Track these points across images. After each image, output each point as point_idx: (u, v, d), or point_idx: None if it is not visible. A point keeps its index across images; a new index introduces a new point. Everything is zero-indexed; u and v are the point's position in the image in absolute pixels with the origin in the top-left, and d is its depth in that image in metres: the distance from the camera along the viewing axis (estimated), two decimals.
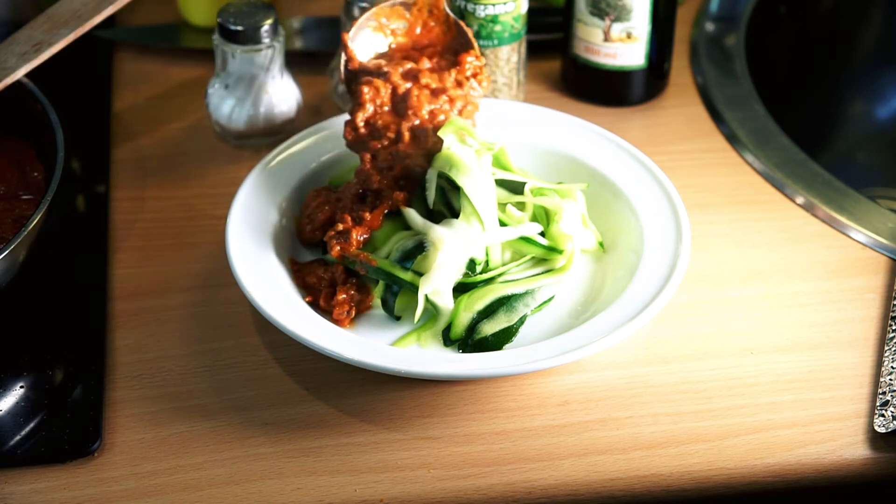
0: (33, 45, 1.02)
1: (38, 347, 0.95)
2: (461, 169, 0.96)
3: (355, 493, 0.86)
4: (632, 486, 0.87)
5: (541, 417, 0.90)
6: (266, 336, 0.96)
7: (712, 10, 1.29)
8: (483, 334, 0.93)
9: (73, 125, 1.04)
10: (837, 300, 0.99)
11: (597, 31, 1.13)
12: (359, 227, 0.96)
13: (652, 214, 1.00)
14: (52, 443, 0.88)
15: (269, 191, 1.02)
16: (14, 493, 0.85)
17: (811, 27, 1.38)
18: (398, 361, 0.88)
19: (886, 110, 1.37)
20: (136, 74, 1.22)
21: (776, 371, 0.93)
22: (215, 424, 0.90)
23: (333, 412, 0.91)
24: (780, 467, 0.87)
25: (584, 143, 1.06)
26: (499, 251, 0.97)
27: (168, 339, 0.96)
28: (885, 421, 0.88)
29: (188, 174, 1.11)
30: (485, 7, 1.08)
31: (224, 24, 1.08)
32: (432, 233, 0.94)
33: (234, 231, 0.97)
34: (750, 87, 1.19)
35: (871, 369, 0.94)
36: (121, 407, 0.91)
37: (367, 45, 1.02)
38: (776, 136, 1.14)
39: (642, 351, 0.95)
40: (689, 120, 1.17)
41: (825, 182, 1.09)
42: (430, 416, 0.90)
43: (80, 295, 1.00)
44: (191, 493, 0.85)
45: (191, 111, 1.18)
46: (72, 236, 1.05)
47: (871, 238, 1.04)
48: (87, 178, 1.12)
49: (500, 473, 0.87)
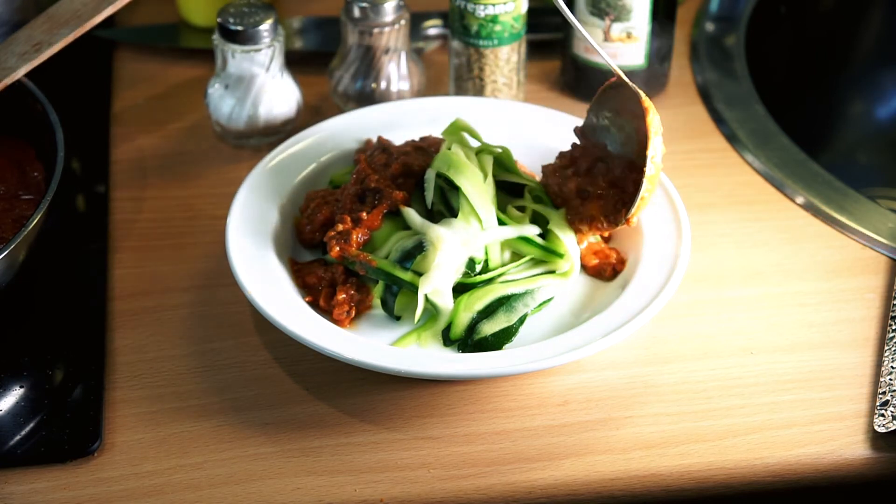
0: (33, 45, 1.02)
1: (38, 347, 0.95)
2: (459, 169, 0.96)
3: (355, 493, 0.86)
4: (632, 486, 0.87)
5: (541, 417, 0.90)
6: (266, 336, 0.96)
7: (712, 10, 1.29)
8: (483, 334, 0.93)
9: (73, 125, 1.04)
10: (837, 300, 0.99)
11: (597, 30, 1.13)
12: (358, 228, 0.96)
13: (652, 214, 1.00)
14: (52, 443, 0.88)
15: (269, 191, 1.02)
16: (14, 493, 0.85)
17: (811, 27, 1.38)
18: (398, 361, 0.88)
19: (886, 110, 1.37)
20: (136, 74, 1.22)
21: (776, 371, 0.93)
22: (215, 424, 0.90)
23: (333, 412, 0.91)
24: (780, 467, 0.87)
25: None
26: (498, 251, 0.97)
27: (168, 339, 0.96)
28: (885, 421, 0.88)
29: (188, 174, 1.11)
30: (485, 7, 1.08)
31: (224, 24, 1.08)
32: (431, 232, 0.94)
33: (234, 231, 0.97)
34: (750, 87, 1.20)
35: (871, 369, 0.94)
36: (121, 407, 0.91)
37: None
38: (776, 136, 1.14)
39: (642, 351, 0.95)
40: (689, 120, 1.17)
41: (825, 182, 1.09)
42: (429, 416, 0.90)
43: (80, 295, 1.00)
44: (191, 493, 0.85)
45: (191, 111, 1.18)
46: (72, 236, 1.05)
47: (871, 238, 1.04)
48: (87, 178, 1.12)
49: (500, 473, 0.87)
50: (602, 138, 0.98)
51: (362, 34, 1.11)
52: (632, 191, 0.94)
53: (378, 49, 1.11)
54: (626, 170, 0.96)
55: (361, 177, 0.99)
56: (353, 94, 1.14)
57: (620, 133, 0.96)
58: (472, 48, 1.11)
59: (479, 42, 1.10)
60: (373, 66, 1.12)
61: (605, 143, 0.97)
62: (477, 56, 1.11)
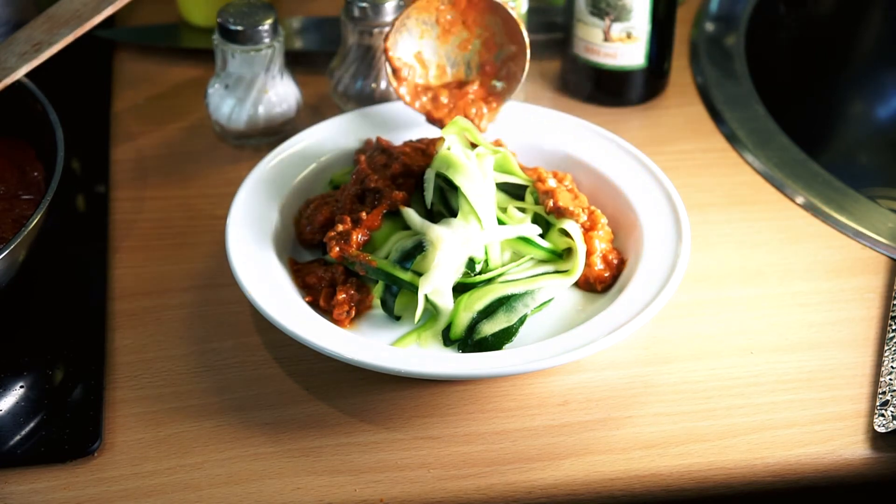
0: (33, 45, 1.02)
1: (38, 347, 0.95)
2: (458, 169, 0.96)
3: (355, 493, 0.86)
4: (632, 486, 0.87)
5: (541, 417, 0.90)
6: (266, 336, 0.96)
7: (712, 10, 1.29)
8: (483, 334, 0.93)
9: (73, 125, 1.04)
10: (837, 300, 0.99)
11: (597, 30, 1.13)
12: (358, 228, 0.96)
13: (652, 214, 1.00)
14: (52, 443, 0.88)
15: (269, 191, 1.02)
16: (14, 493, 0.85)
17: (811, 27, 1.38)
18: (398, 361, 0.88)
19: (886, 110, 1.37)
20: (136, 74, 1.22)
21: (776, 371, 0.93)
22: (215, 424, 0.90)
23: (333, 412, 0.91)
24: (780, 467, 0.87)
25: (584, 143, 1.06)
26: (498, 251, 0.97)
27: (168, 339, 0.96)
28: (885, 421, 0.88)
29: (188, 174, 1.11)
30: None
31: (224, 24, 1.08)
32: (431, 232, 0.94)
33: (234, 231, 0.97)
34: (750, 87, 1.20)
35: (871, 369, 0.94)
36: (121, 407, 0.91)
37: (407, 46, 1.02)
38: (776, 136, 1.14)
39: (642, 351, 0.95)
40: (689, 120, 1.17)
41: (825, 182, 1.09)
42: (429, 416, 0.90)
43: (80, 295, 1.00)
44: (191, 493, 0.85)
45: (191, 111, 1.18)
46: (72, 236, 1.05)
47: (871, 238, 1.04)
48: (87, 178, 1.12)
49: (500, 473, 0.87)
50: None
51: (362, 34, 1.11)
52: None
53: (378, 49, 1.11)
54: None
55: (361, 177, 0.99)
56: (353, 94, 1.14)
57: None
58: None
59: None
60: (373, 66, 1.12)
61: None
62: None
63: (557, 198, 0.97)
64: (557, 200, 0.97)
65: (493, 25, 1.03)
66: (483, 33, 1.03)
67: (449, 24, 1.02)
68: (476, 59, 1.05)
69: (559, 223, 0.97)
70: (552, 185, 0.99)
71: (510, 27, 1.03)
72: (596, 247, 0.97)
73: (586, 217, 0.98)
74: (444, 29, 1.02)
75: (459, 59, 1.04)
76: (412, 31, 1.01)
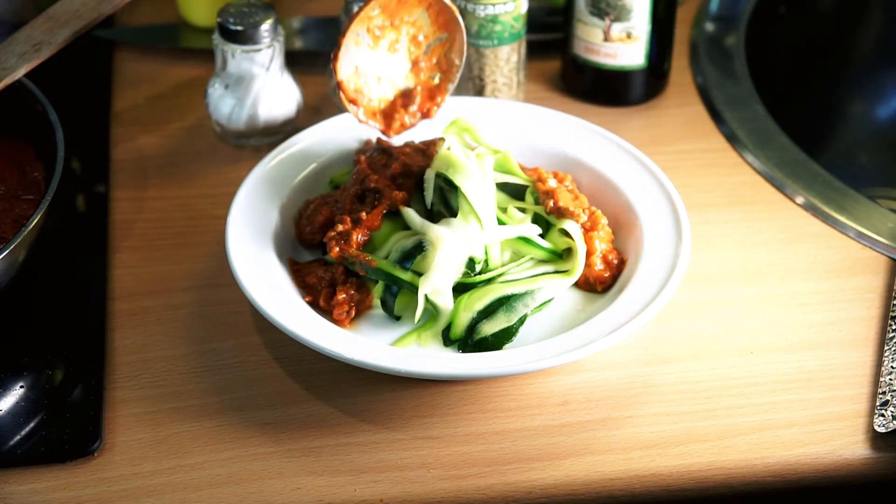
0: (33, 45, 1.02)
1: (38, 347, 0.95)
2: (458, 169, 0.96)
3: (355, 493, 0.86)
4: (632, 486, 0.87)
5: (541, 417, 0.90)
6: (266, 336, 0.96)
7: (712, 10, 1.29)
8: (483, 334, 0.93)
9: (73, 125, 1.04)
10: (837, 300, 0.99)
11: (597, 30, 1.13)
12: (358, 228, 0.96)
13: (652, 214, 1.00)
14: (52, 443, 0.88)
15: (269, 191, 1.02)
16: (14, 493, 0.85)
17: (811, 27, 1.38)
18: (398, 361, 0.88)
19: (886, 110, 1.37)
20: (136, 74, 1.22)
21: (776, 371, 0.93)
22: (215, 424, 0.90)
23: (333, 412, 0.91)
24: (780, 467, 0.87)
25: (584, 143, 1.06)
26: (498, 251, 0.97)
27: (168, 339, 0.96)
28: (885, 421, 0.88)
29: (188, 174, 1.11)
30: (485, 7, 1.08)
31: (224, 24, 1.08)
32: (431, 232, 0.94)
33: (234, 231, 0.97)
34: (750, 87, 1.20)
35: (871, 369, 0.94)
36: (121, 407, 0.91)
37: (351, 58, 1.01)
38: (776, 136, 1.14)
39: (642, 351, 0.95)
40: (689, 120, 1.17)
41: (825, 182, 1.09)
42: (429, 416, 0.90)
43: (80, 295, 1.00)
44: (191, 493, 0.85)
45: (191, 111, 1.18)
46: (72, 236, 1.05)
47: (872, 238, 1.04)
48: (87, 178, 1.12)
49: (500, 473, 0.87)
50: None
51: None
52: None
53: None
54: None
55: (361, 177, 0.99)
56: None
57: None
58: (472, 48, 1.11)
59: (479, 42, 1.10)
60: None
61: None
62: (477, 56, 1.12)
63: (558, 198, 0.97)
64: (558, 201, 0.97)
65: (419, 19, 1.02)
66: (409, 30, 1.02)
67: (379, 30, 1.01)
68: (406, 56, 1.03)
69: (559, 223, 0.97)
70: (552, 186, 0.99)
71: (441, 14, 1.01)
72: (596, 247, 0.97)
73: (586, 217, 0.98)
74: (375, 36, 1.01)
75: (391, 63, 1.03)
76: (349, 48, 1.00)
